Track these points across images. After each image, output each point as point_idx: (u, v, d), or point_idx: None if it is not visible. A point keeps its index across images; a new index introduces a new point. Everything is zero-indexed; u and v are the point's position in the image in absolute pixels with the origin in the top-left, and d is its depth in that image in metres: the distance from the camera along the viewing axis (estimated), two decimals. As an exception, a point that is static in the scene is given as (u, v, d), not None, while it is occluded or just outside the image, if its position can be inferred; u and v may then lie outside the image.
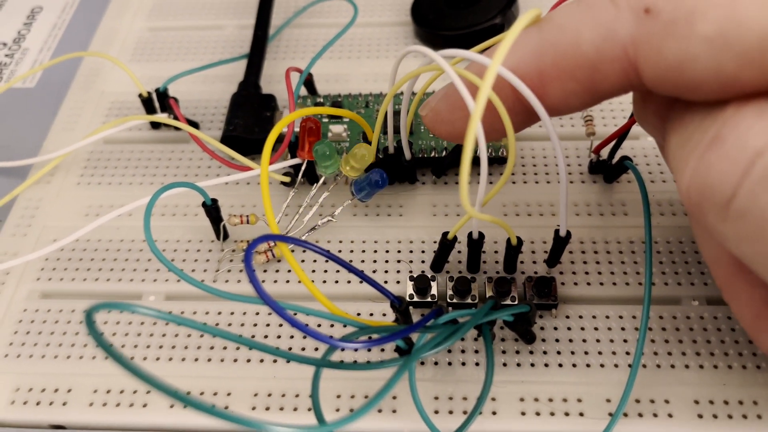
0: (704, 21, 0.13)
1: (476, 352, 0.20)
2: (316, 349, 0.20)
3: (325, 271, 0.22)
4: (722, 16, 0.13)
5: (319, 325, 0.21)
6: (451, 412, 0.19)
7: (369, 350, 0.20)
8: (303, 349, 0.20)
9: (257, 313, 0.21)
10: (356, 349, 0.20)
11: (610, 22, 0.14)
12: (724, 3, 0.13)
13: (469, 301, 0.20)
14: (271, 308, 0.15)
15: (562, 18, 0.16)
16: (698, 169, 0.14)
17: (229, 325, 0.21)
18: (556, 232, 0.20)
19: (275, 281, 0.22)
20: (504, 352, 0.20)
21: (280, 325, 0.21)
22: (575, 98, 0.16)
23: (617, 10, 0.14)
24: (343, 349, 0.20)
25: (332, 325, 0.21)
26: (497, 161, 0.24)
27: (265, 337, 0.21)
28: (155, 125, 0.27)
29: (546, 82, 0.16)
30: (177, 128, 0.26)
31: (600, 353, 0.20)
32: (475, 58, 0.16)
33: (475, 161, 0.24)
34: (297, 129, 0.23)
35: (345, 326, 0.21)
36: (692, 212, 0.15)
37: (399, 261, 0.22)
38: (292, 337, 0.21)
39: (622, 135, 0.22)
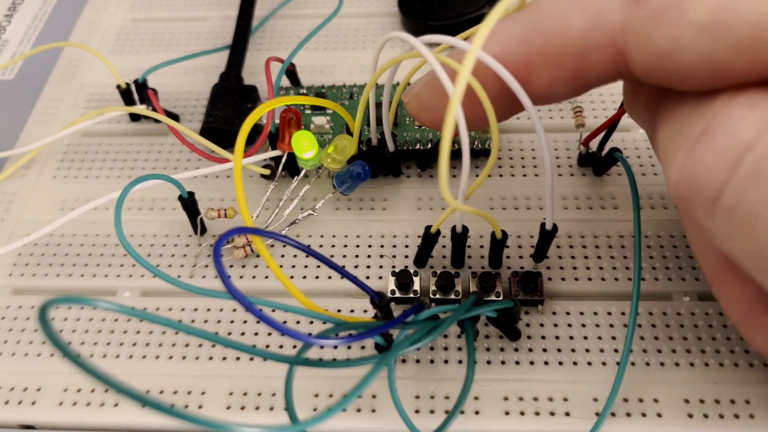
0: (695, 7, 0.12)
1: (459, 349, 0.19)
2: (294, 346, 0.20)
3: (306, 266, 0.21)
4: (714, 2, 0.12)
5: (298, 322, 0.20)
6: (432, 412, 0.18)
7: (349, 347, 0.20)
8: (281, 346, 0.20)
9: (234, 310, 0.20)
10: (335, 347, 0.19)
11: (599, 8, 0.14)
12: None
13: (452, 296, 0.20)
14: (241, 303, 0.14)
15: (550, 3, 0.15)
16: (687, 164, 0.13)
17: (206, 321, 0.20)
18: (542, 225, 0.19)
19: (254, 276, 0.21)
20: (488, 349, 0.19)
21: (258, 322, 0.20)
22: (562, 86, 0.15)
23: None
24: (321, 347, 0.19)
25: (311, 322, 0.20)
26: (484, 154, 0.24)
27: (242, 334, 0.20)
28: (134, 117, 0.26)
29: (532, 70, 0.15)
30: (156, 120, 0.25)
31: (587, 351, 0.19)
32: (455, 44, 0.16)
33: (460, 153, 0.24)
34: (277, 120, 0.23)
35: (324, 323, 0.20)
36: (681, 207, 0.14)
37: (382, 256, 0.22)
38: (269, 334, 0.20)
39: (611, 126, 0.21)
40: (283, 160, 0.22)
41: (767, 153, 0.12)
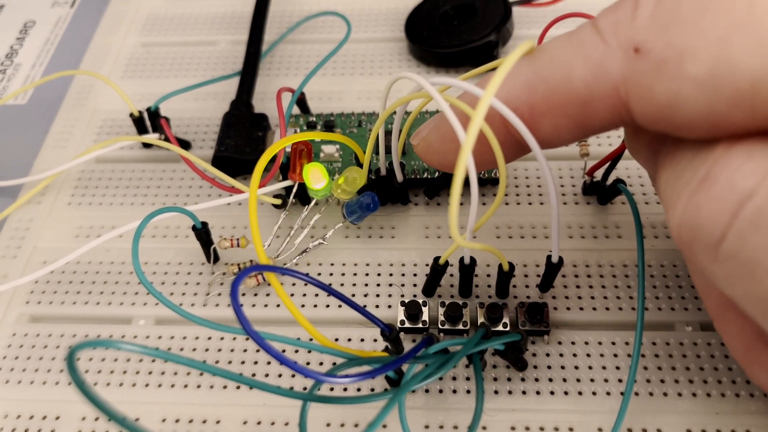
0: (694, 62, 0.13)
1: (467, 379, 0.20)
2: (306, 376, 0.20)
3: (316, 295, 0.22)
4: (713, 57, 0.13)
5: (309, 352, 0.21)
6: (441, 442, 0.19)
7: (374, 377, 0.20)
8: (293, 375, 0.20)
9: (247, 339, 0.21)
10: (345, 385, 0.20)
11: (600, 59, 0.14)
12: (715, 44, 0.13)
13: (460, 327, 0.20)
14: (259, 344, 0.14)
15: (554, 52, 0.15)
16: (688, 209, 0.14)
17: (219, 350, 0.21)
18: (548, 258, 0.20)
19: (265, 305, 0.22)
20: (495, 379, 0.20)
21: (260, 348, 0.21)
22: (566, 133, 0.16)
23: (607, 47, 0.14)
24: (334, 385, 0.20)
25: (321, 353, 0.20)
26: (489, 182, 0.24)
27: (255, 363, 0.21)
28: (147, 144, 0.27)
29: (537, 117, 0.15)
30: (168, 148, 0.26)
31: (592, 380, 0.20)
32: (467, 89, 0.16)
33: (467, 183, 0.24)
34: (288, 150, 0.23)
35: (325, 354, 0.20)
36: (683, 250, 0.14)
37: (391, 285, 0.22)
38: (281, 364, 0.20)
39: (616, 157, 0.22)
40: (294, 189, 0.23)
41: (767, 201, 0.12)
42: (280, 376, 0.20)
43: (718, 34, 0.13)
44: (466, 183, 0.23)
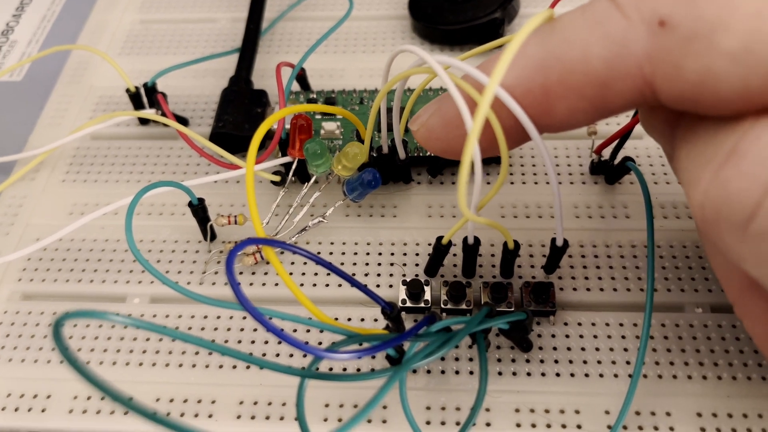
0: (727, 35, 0.12)
1: (471, 360, 0.19)
2: (305, 355, 0.20)
3: (316, 274, 0.21)
4: (748, 29, 0.12)
5: (308, 331, 0.20)
6: (443, 423, 0.18)
7: (374, 357, 0.19)
8: (291, 355, 0.20)
9: (244, 318, 0.20)
10: (344, 363, 0.19)
11: (621, 36, 0.13)
12: (749, 15, 0.12)
13: (463, 306, 0.20)
14: (256, 320, 0.14)
15: (568, 30, 0.14)
16: (713, 186, 0.13)
17: (215, 329, 0.20)
18: (553, 240, 0.19)
19: (264, 284, 0.21)
20: (499, 360, 0.19)
21: (255, 320, 0.20)
22: (583, 115, 0.15)
23: (628, 21, 0.13)
24: (333, 360, 0.19)
25: (321, 331, 0.20)
26: (495, 161, 0.24)
27: (252, 342, 0.20)
28: (143, 121, 0.26)
29: (552, 100, 0.14)
30: (165, 124, 0.25)
31: (599, 362, 0.19)
32: (473, 74, 0.15)
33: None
34: (288, 126, 0.23)
35: (321, 331, 0.20)
36: (705, 229, 0.14)
37: (392, 264, 0.22)
38: (279, 342, 0.20)
39: (624, 135, 0.21)
40: (294, 166, 0.22)
41: None
42: (277, 355, 0.20)
43: (752, 8, 0.12)
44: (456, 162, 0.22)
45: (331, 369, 0.19)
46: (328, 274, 0.21)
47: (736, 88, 0.12)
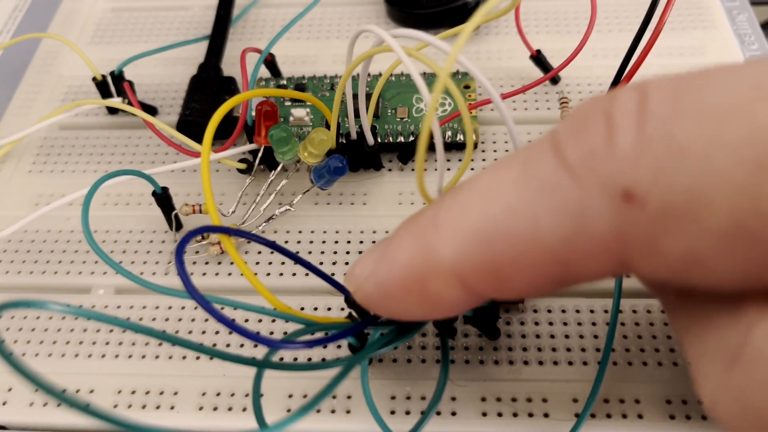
0: (712, 213, 0.10)
1: (437, 348, 0.19)
2: (255, 345, 0.19)
3: (283, 263, 0.21)
4: (737, 206, 0.10)
5: (273, 321, 0.20)
6: (408, 413, 0.18)
7: (325, 347, 0.19)
8: (255, 346, 0.19)
9: (209, 308, 0.20)
10: (300, 350, 0.19)
11: (577, 209, 0.11)
12: (735, 186, 0.10)
13: (430, 294, 0.19)
14: (205, 310, 0.14)
15: (511, 193, 0.11)
16: (726, 390, 0.11)
17: (179, 320, 0.20)
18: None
19: (229, 273, 0.21)
20: (467, 348, 0.19)
21: (213, 317, 0.20)
22: (547, 289, 0.12)
23: (582, 191, 0.11)
24: (286, 350, 0.19)
25: (286, 321, 0.20)
26: (454, 147, 0.23)
27: (216, 333, 0.20)
28: (112, 110, 0.26)
29: (504, 281, 0.12)
30: (134, 114, 0.25)
31: (569, 350, 0.19)
32: (432, 42, 0.15)
33: (445, 146, 0.23)
34: (254, 113, 0.22)
35: (287, 322, 0.19)
36: (716, 419, 0.12)
37: (361, 252, 0.21)
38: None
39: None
40: (260, 154, 0.22)
41: None
42: (242, 346, 0.19)
43: (739, 174, 0.09)
44: (431, 148, 0.22)
45: (296, 359, 0.19)
46: (295, 264, 0.21)
47: (727, 269, 0.10)
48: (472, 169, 0.23)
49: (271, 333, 0.20)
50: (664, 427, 0.17)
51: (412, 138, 0.23)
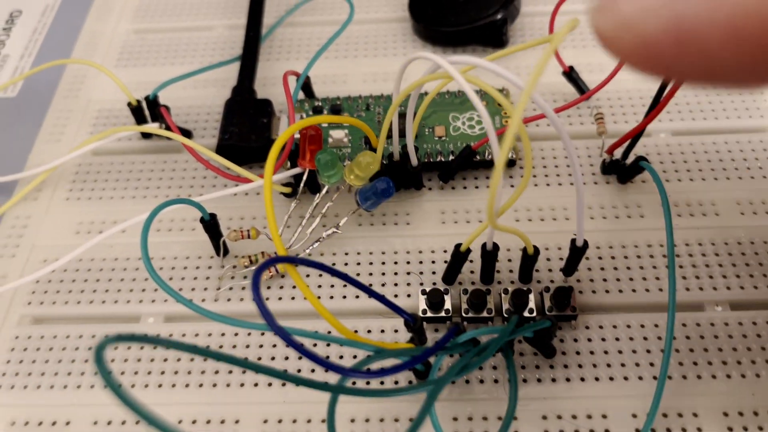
0: None
1: (494, 368, 0.19)
2: (327, 371, 0.19)
3: (332, 285, 0.21)
4: None
5: (328, 345, 0.20)
6: (471, 434, 0.18)
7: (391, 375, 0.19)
8: (312, 370, 0.19)
9: (262, 334, 0.20)
10: (372, 380, 0.19)
11: None
12: None
13: (485, 314, 0.19)
14: (285, 341, 0.14)
15: None
16: None
17: (234, 347, 0.20)
18: (573, 241, 0.19)
19: (280, 298, 0.21)
20: (523, 367, 0.19)
21: (287, 345, 0.20)
22: None
23: None
24: (368, 381, 0.19)
25: (341, 345, 0.20)
26: (490, 164, 0.23)
27: (272, 359, 0.20)
28: (146, 135, 0.26)
29: None
30: (169, 138, 0.25)
31: (623, 365, 0.19)
32: (504, 75, 0.15)
33: (484, 164, 0.23)
34: (297, 136, 0.22)
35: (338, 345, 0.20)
36: None
37: (409, 273, 0.21)
38: (300, 358, 0.20)
39: (637, 135, 0.21)
40: (304, 177, 0.22)
41: None
42: (299, 371, 0.19)
43: None
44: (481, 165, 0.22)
45: (354, 383, 0.19)
46: (344, 286, 0.21)
47: None
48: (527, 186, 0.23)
49: (327, 357, 0.20)
50: (724, 439, 0.18)
51: (451, 157, 0.23)
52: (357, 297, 0.21)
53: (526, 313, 0.19)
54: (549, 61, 0.13)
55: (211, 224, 0.21)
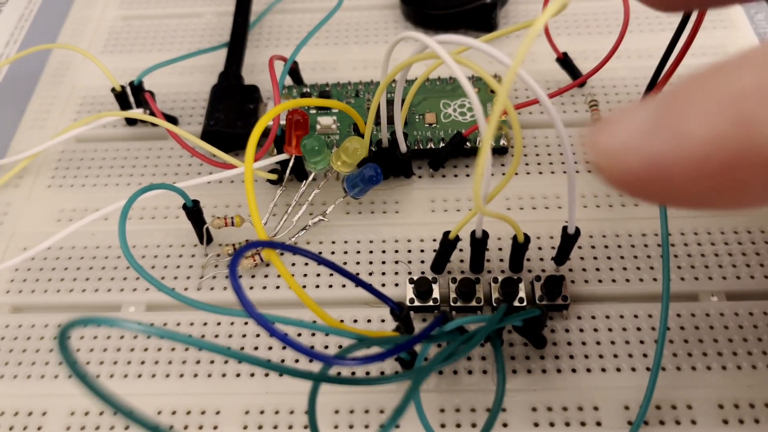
0: None
1: (483, 358, 0.19)
2: (311, 360, 0.19)
3: (318, 274, 0.21)
4: None
5: (312, 335, 0.19)
6: (458, 425, 0.17)
7: (373, 362, 0.19)
8: (296, 360, 0.19)
9: (246, 323, 0.20)
10: (355, 369, 0.18)
11: None
12: None
13: (473, 303, 0.19)
14: (264, 328, 0.13)
15: None
16: None
17: (216, 336, 0.20)
18: (564, 229, 0.18)
19: (264, 287, 0.21)
20: (513, 358, 0.19)
21: (270, 335, 0.19)
22: None
23: None
24: (350, 368, 0.18)
25: (326, 335, 0.19)
26: (496, 152, 0.23)
27: (255, 348, 0.19)
28: (131, 121, 0.25)
29: None
30: (154, 124, 0.24)
31: (615, 356, 0.18)
32: (492, 53, 0.14)
33: (474, 152, 0.23)
34: (283, 122, 0.22)
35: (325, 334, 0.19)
36: None
37: (397, 262, 0.21)
38: (284, 347, 0.19)
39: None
40: (290, 163, 0.21)
41: None
42: (282, 361, 0.19)
43: None
44: (471, 153, 0.21)
45: (339, 373, 0.19)
46: (331, 275, 0.21)
47: None
48: (517, 173, 0.23)
49: (312, 347, 0.19)
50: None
51: (442, 144, 0.23)
52: (344, 286, 0.20)
53: (516, 303, 0.19)
54: (539, 32, 0.12)
55: (193, 211, 0.20)
